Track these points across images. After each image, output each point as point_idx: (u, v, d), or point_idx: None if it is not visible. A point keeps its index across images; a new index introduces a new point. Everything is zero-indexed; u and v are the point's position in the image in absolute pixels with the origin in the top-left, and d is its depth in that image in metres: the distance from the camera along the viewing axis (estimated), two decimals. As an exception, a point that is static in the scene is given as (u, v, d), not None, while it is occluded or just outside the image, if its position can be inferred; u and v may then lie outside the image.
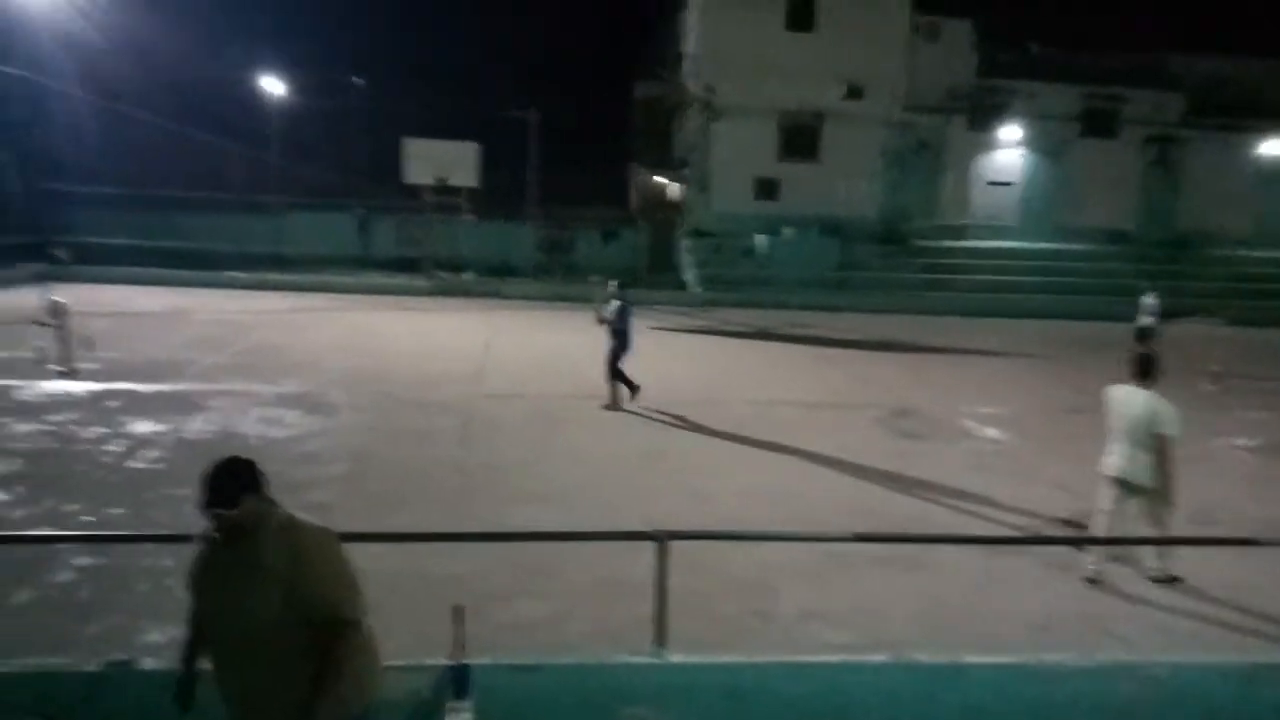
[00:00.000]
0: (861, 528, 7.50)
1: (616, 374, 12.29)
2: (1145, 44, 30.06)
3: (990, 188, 30.42)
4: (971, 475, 9.90)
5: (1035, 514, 8.61)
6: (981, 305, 25.36)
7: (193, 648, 3.21)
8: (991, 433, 12.04)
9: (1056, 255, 29.07)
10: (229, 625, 3.01)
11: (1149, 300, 17.92)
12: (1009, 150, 30.21)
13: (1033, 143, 30.16)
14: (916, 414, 12.81)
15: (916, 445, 11.20)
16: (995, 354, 18.64)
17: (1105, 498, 6.91)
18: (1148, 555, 7.02)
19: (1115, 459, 6.83)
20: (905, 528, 8.03)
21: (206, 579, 3.06)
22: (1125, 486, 6.78)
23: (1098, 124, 30.34)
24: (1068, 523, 8.13)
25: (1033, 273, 28.02)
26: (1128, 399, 6.79)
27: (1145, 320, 17.77)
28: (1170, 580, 6.81)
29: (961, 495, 9.13)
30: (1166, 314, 18.75)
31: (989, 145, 30.16)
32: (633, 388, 12.36)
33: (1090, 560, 6.96)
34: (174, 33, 29.88)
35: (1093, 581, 6.86)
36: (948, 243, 29.54)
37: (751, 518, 8.12)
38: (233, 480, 2.96)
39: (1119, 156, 30.36)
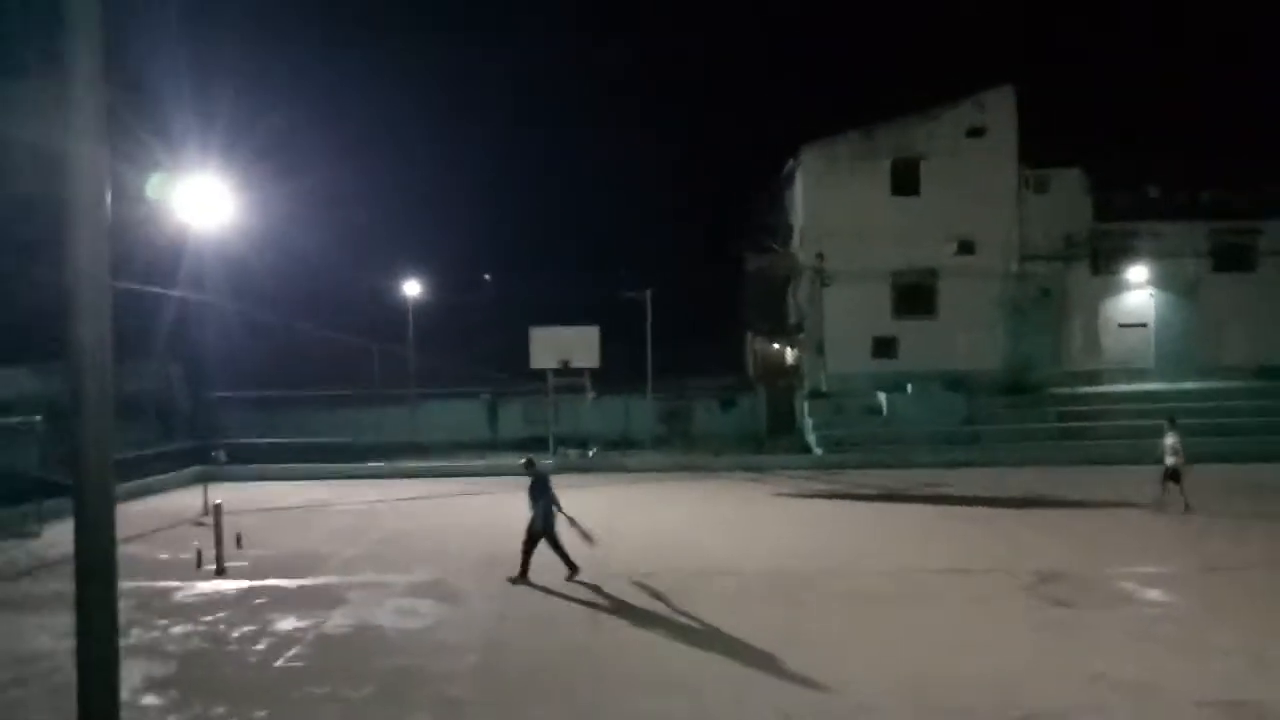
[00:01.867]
0: (1018, 717, 6.96)
1: (554, 547, 12.24)
2: (1271, 173, 29.21)
3: (1122, 330, 29.42)
4: (1137, 646, 9.14)
5: (1217, 692, 7.81)
6: (1122, 453, 23.93)
7: None
8: (1154, 595, 11.15)
9: (1202, 395, 27.45)
10: None
11: (1169, 440, 16.79)
12: (1138, 291, 29.35)
13: (1162, 282, 29.26)
14: (1066, 577, 12.01)
15: (1070, 614, 10.44)
16: (1144, 506, 17.36)
17: None
18: None
19: None
20: (1070, 717, 7.38)
21: None
22: None
23: (1232, 258, 29.33)
24: None
25: (1176, 415, 26.40)
26: None
27: (1170, 460, 16.64)
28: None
29: (1131, 668, 8.39)
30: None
31: (1116, 288, 29.42)
32: (570, 564, 12.26)
33: None
34: (321, 246, 32.93)
35: None
36: (1081, 389, 28.44)
37: (890, 708, 7.65)
38: None
39: (1259, 288, 29.08)
